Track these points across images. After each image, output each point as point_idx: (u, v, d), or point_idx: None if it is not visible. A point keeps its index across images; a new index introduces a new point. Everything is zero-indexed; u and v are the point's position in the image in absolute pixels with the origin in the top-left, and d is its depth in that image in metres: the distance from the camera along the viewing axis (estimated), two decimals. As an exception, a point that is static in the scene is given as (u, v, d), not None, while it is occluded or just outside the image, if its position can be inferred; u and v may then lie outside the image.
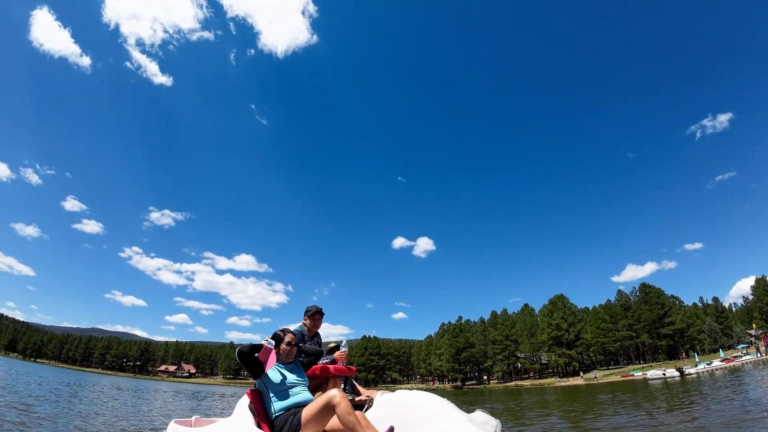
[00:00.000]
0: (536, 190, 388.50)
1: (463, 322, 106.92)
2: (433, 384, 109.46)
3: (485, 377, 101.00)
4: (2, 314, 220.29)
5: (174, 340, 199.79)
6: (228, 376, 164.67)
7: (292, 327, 4.70)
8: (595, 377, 68.19)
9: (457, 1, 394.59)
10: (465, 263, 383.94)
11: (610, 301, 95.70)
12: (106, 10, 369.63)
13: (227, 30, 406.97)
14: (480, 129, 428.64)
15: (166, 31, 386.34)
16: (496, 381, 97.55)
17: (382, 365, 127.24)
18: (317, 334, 5.05)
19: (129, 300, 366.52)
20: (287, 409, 3.50)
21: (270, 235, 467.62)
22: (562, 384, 67.28)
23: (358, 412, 3.24)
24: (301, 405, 3.51)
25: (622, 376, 63.22)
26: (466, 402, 25.82)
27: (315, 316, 4.96)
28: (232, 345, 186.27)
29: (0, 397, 12.93)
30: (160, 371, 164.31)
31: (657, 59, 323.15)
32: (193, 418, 4.30)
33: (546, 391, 43.79)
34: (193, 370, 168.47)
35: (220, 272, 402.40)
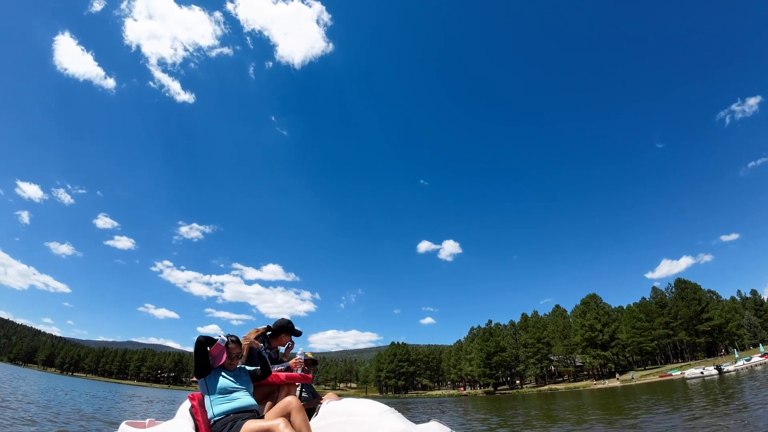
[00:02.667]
0: (564, 188, 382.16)
1: (492, 325, 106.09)
2: (464, 390, 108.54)
3: (518, 381, 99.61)
4: (40, 330, 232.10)
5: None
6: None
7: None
8: (632, 378, 66.59)
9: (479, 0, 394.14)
10: (493, 265, 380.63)
11: (645, 298, 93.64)
12: (126, 32, 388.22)
13: (245, 44, 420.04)
14: (503, 128, 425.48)
15: (186, 50, 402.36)
16: (530, 385, 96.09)
17: (411, 371, 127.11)
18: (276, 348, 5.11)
19: (162, 313, 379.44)
20: (226, 414, 3.45)
21: (296, 245, 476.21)
22: (598, 386, 65.99)
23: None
24: (241, 410, 3.47)
25: (659, 376, 61.58)
26: (497, 408, 26.01)
27: (279, 332, 4.97)
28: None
29: (62, 415, 14.05)
30: (193, 381, 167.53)
31: (680, 47, 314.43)
32: (147, 420, 4.42)
33: (581, 395, 43.20)
34: None
35: (249, 282, 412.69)
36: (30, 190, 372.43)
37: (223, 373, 3.67)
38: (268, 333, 4.87)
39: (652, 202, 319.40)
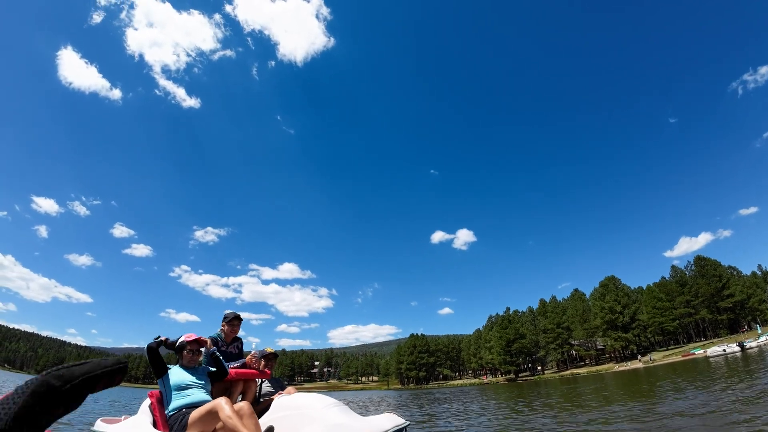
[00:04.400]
0: (577, 170, 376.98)
1: (511, 312, 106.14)
2: (486, 378, 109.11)
3: (539, 368, 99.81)
4: (65, 341, 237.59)
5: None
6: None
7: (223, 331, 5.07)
8: (651, 360, 66.26)
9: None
10: (508, 252, 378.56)
11: (665, 278, 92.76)
12: (128, 41, 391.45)
13: (246, 45, 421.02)
14: (512, 112, 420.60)
15: (188, 55, 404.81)
16: (552, 371, 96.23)
17: (432, 362, 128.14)
18: (237, 339, 5.24)
19: (183, 317, 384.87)
20: (179, 409, 3.67)
21: (310, 242, 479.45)
22: (621, 369, 65.94)
23: (243, 403, 3.59)
24: (194, 405, 3.66)
25: (682, 356, 61.29)
26: (517, 395, 26.48)
27: (233, 321, 5.14)
28: (284, 352, 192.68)
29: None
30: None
31: (686, 20, 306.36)
32: (123, 417, 4.63)
33: (604, 378, 43.41)
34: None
35: (266, 282, 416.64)
36: (46, 205, 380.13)
37: (180, 371, 3.96)
38: (225, 321, 5.12)
39: (668, 179, 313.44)
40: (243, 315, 5.28)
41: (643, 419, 8.44)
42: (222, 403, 3.40)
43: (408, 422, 3.70)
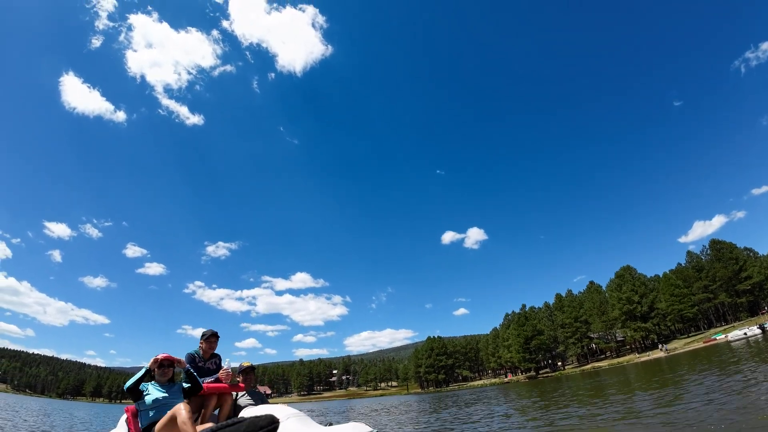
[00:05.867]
0: (585, 162, 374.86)
1: (527, 309, 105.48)
2: (507, 377, 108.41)
3: (560, 363, 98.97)
4: (84, 363, 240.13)
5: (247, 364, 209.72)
6: (302, 393, 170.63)
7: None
8: (665, 348, 65.44)
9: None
10: (521, 248, 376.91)
11: (681, 264, 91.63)
12: (129, 63, 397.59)
13: (245, 59, 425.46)
14: (514, 103, 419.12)
15: (189, 73, 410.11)
16: (572, 365, 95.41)
17: (450, 364, 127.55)
18: (215, 355, 5.57)
19: (200, 332, 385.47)
20: (151, 421, 3.97)
21: (321, 251, 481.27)
22: (643, 359, 65.29)
23: (208, 425, 3.86)
24: None
25: (704, 342, 60.52)
26: (540, 393, 26.49)
27: (210, 339, 5.50)
28: (301, 362, 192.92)
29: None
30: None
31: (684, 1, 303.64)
32: None
33: (626, 370, 43.10)
34: (268, 391, 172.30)
35: (279, 293, 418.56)
36: (58, 229, 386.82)
37: (154, 387, 4.21)
38: (203, 338, 5.50)
39: (677, 163, 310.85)
40: (258, 327, 5.74)
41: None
42: (180, 408, 3.66)
43: (376, 431, 3.65)
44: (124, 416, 4.34)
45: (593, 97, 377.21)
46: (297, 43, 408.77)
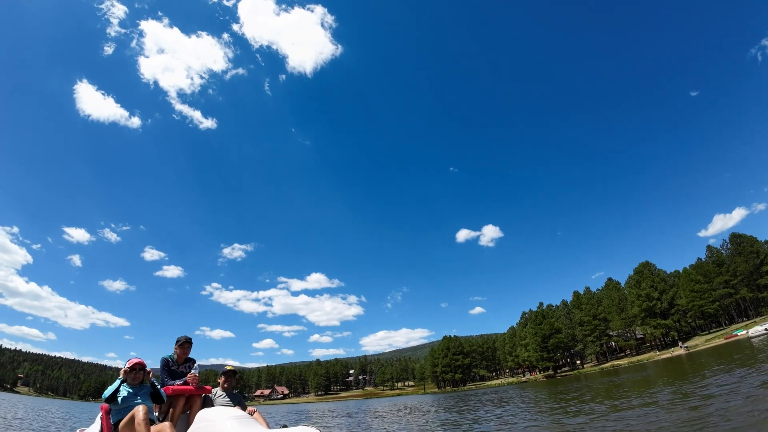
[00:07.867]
0: (602, 156, 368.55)
1: (544, 307, 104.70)
2: (525, 376, 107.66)
3: (578, 362, 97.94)
4: (105, 365, 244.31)
5: (264, 365, 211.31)
6: (320, 393, 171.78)
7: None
8: (685, 346, 64.40)
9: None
10: (537, 245, 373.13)
11: (701, 259, 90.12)
12: (141, 69, 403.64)
13: (256, 62, 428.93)
14: (528, 99, 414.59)
15: (202, 77, 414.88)
16: (591, 364, 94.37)
17: (467, 364, 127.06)
18: (189, 359, 5.96)
19: (217, 333, 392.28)
20: (119, 420, 4.52)
21: (336, 251, 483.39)
22: (663, 357, 64.44)
23: (165, 424, 4.39)
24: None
25: (725, 338, 59.50)
26: (557, 392, 26.45)
27: (183, 345, 5.89)
28: (318, 362, 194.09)
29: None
30: (256, 396, 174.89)
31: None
32: (78, 430, 5.46)
33: (646, 367, 42.66)
34: (286, 391, 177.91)
35: (295, 294, 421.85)
36: (77, 234, 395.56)
37: (126, 389, 4.78)
38: (177, 344, 5.90)
39: (695, 155, 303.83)
40: (275, 328, 6.13)
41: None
42: (139, 409, 4.22)
43: None
44: (100, 413, 4.82)
45: (609, 91, 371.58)
46: (306, 43, 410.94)
